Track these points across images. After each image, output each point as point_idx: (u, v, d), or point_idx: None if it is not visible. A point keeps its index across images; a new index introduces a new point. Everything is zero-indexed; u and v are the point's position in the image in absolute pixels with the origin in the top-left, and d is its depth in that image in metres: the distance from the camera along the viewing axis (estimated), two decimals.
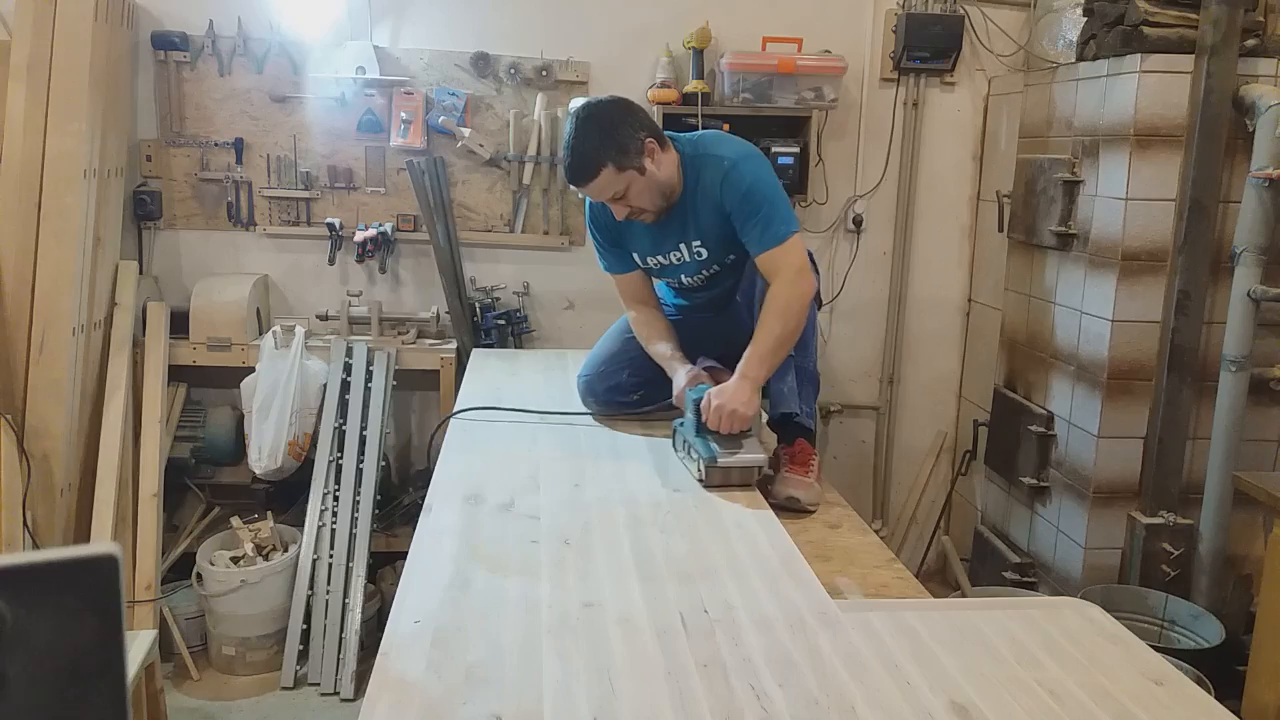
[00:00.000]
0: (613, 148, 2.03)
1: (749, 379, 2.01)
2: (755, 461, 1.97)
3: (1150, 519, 2.70)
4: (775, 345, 2.03)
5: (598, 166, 2.03)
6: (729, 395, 1.98)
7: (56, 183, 2.78)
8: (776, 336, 2.03)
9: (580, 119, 2.06)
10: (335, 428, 3.05)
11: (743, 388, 2.00)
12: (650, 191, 2.10)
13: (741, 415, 1.96)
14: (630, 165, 2.05)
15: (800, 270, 2.06)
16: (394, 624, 1.36)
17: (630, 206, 2.12)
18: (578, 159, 2.05)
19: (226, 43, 3.16)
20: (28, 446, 2.72)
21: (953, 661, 1.30)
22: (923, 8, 3.34)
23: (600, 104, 2.12)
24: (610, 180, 2.05)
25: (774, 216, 2.07)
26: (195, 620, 3.03)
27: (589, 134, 2.04)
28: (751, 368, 2.02)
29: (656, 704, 1.17)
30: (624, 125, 2.06)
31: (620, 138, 2.04)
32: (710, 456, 1.94)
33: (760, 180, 2.10)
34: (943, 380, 3.70)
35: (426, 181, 3.21)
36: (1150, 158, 2.60)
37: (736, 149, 2.15)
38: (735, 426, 1.96)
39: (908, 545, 3.73)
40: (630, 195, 2.09)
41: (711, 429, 1.97)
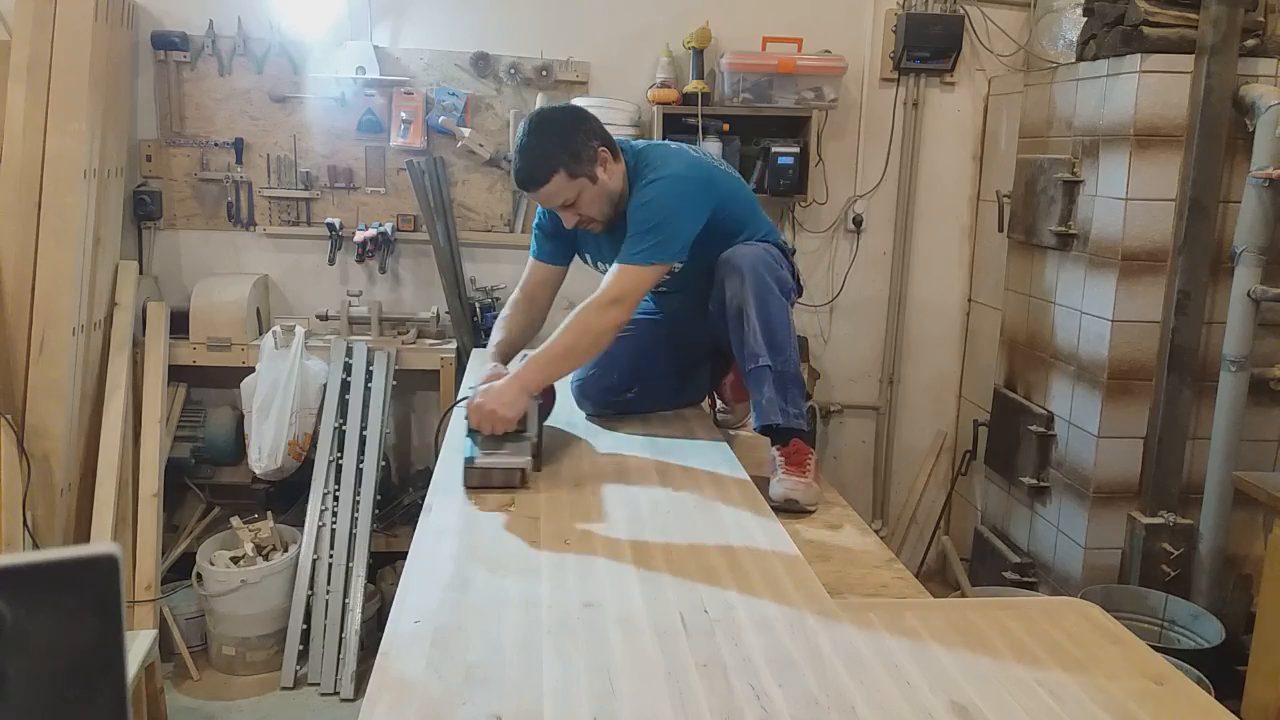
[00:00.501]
0: (566, 154, 2.00)
1: (519, 380, 1.96)
2: (515, 464, 1.89)
3: (1150, 519, 2.70)
4: (558, 356, 2.00)
5: (549, 172, 1.99)
6: (492, 395, 1.93)
7: (56, 183, 2.78)
8: (563, 348, 2.00)
9: (533, 124, 2.03)
10: (335, 428, 3.05)
11: (509, 388, 1.95)
12: (600, 200, 2.07)
13: (501, 417, 1.90)
14: (582, 173, 2.02)
15: (616, 300, 2.01)
16: (394, 624, 1.35)
17: (579, 215, 2.08)
18: (529, 163, 2.01)
19: (226, 43, 3.16)
20: (28, 446, 2.72)
21: (953, 661, 1.30)
22: (923, 8, 3.34)
23: (555, 110, 2.11)
24: (561, 187, 2.02)
25: (646, 238, 2.02)
26: (195, 620, 3.03)
27: (542, 139, 2.01)
28: (527, 370, 1.99)
29: (656, 704, 1.17)
30: (578, 132, 2.03)
31: (574, 144, 2.01)
32: (469, 456, 1.89)
33: (660, 200, 2.04)
34: (943, 380, 3.70)
35: (426, 181, 3.21)
36: (1150, 158, 2.60)
37: (668, 168, 2.08)
38: (496, 428, 1.91)
39: (908, 545, 3.73)
40: (580, 203, 2.06)
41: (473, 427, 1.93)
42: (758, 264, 2.04)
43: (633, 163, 2.12)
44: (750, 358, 2.03)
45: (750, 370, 2.04)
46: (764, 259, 2.06)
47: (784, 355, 2.05)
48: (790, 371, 2.08)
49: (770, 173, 3.21)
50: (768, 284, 2.03)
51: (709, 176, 2.13)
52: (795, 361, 2.09)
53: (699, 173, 2.12)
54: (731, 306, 2.05)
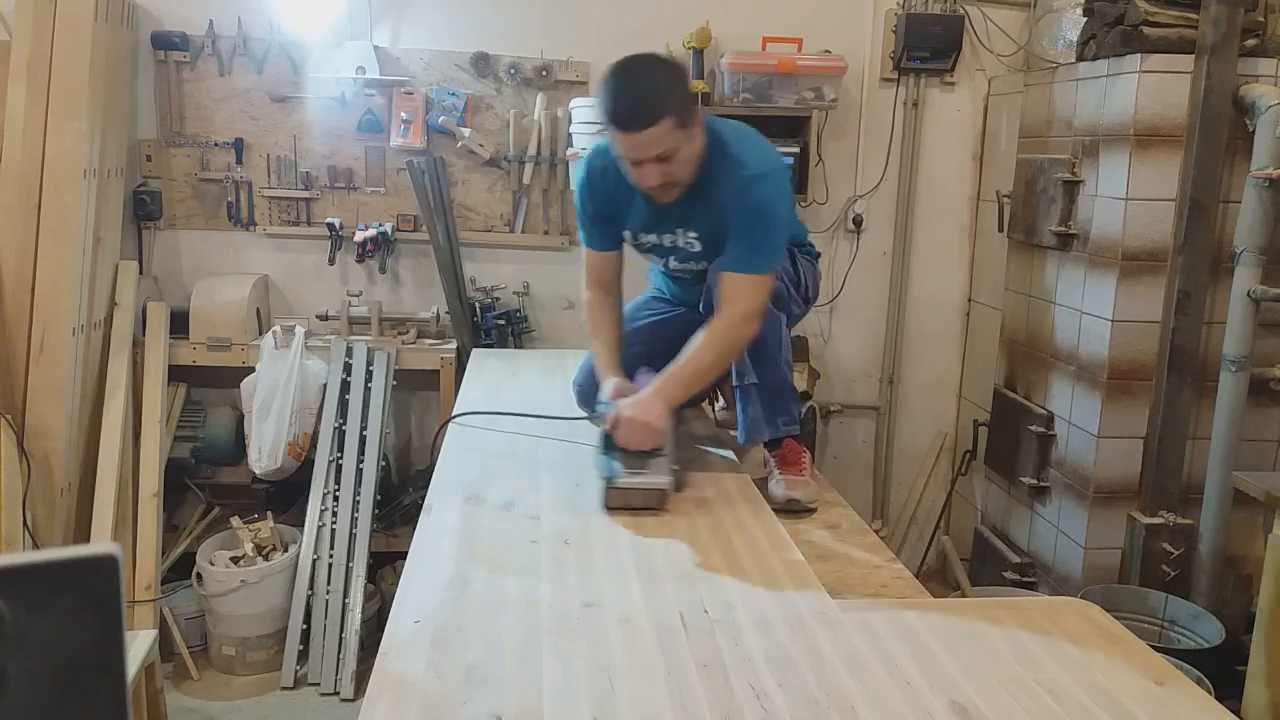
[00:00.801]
0: (678, 97, 1.82)
1: (662, 395, 1.87)
2: (659, 484, 1.80)
3: (1150, 519, 2.70)
4: (699, 374, 1.92)
5: (660, 113, 1.79)
6: (640, 406, 1.83)
7: (56, 183, 2.78)
8: (706, 366, 1.92)
9: (640, 63, 1.86)
10: (335, 428, 3.05)
11: (654, 402, 1.85)
12: (689, 162, 1.90)
13: (653, 429, 1.81)
14: (686, 124, 1.84)
15: (753, 315, 1.92)
16: (394, 624, 1.36)
17: (667, 173, 1.89)
18: (640, 100, 1.80)
19: (226, 43, 3.16)
20: (28, 446, 2.72)
21: (953, 661, 1.30)
22: (923, 8, 3.34)
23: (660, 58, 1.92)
24: (666, 134, 1.81)
25: (764, 245, 1.93)
26: (195, 620, 3.03)
27: (656, 77, 1.83)
28: (669, 387, 1.89)
29: (656, 704, 1.17)
30: (686, 79, 1.90)
31: (685, 90, 1.86)
32: (609, 475, 1.78)
33: (773, 204, 1.94)
34: (943, 380, 3.70)
35: (426, 181, 3.21)
36: (1150, 158, 2.60)
37: (765, 160, 1.97)
38: (645, 442, 1.81)
39: (908, 545, 3.73)
40: (676, 159, 1.87)
41: (619, 445, 1.81)
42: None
43: (715, 140, 1.96)
44: (737, 375, 2.00)
45: (737, 388, 2.02)
46: None
47: (772, 367, 2.01)
48: (778, 381, 2.03)
49: None
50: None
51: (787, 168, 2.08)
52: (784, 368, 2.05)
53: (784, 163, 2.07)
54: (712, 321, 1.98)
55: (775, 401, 2.02)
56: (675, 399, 1.90)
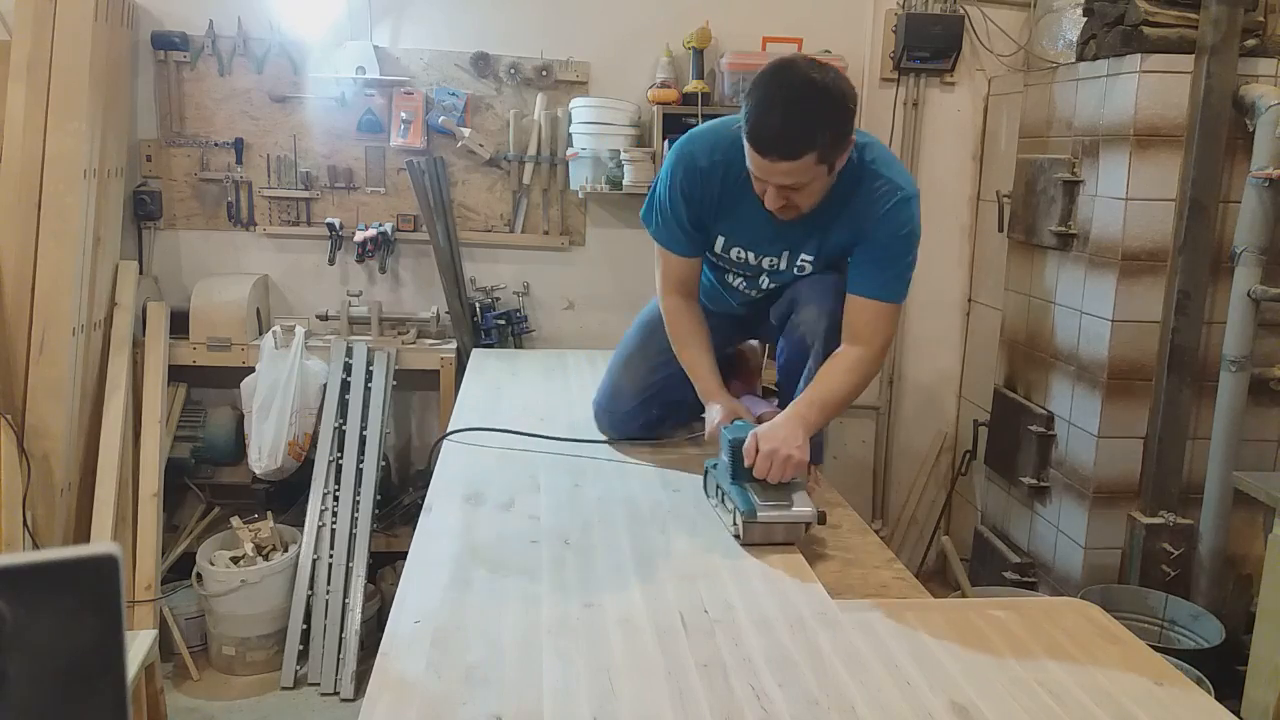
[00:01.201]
0: (832, 135, 1.68)
1: (803, 422, 1.75)
2: (805, 517, 1.70)
3: (1150, 519, 2.70)
4: (838, 403, 1.86)
5: (807, 148, 1.66)
6: (782, 438, 1.70)
7: (56, 183, 2.78)
8: (847, 395, 1.86)
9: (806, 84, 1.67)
10: (335, 428, 3.05)
11: (796, 430, 1.73)
12: (820, 194, 1.80)
13: (796, 461, 1.70)
14: (831, 160, 1.72)
15: (886, 346, 1.91)
16: (394, 624, 1.36)
17: (788, 202, 1.78)
18: (790, 131, 1.66)
19: (226, 43, 3.16)
20: (28, 446, 2.72)
21: (953, 661, 1.30)
22: (923, 8, 3.34)
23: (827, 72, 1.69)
24: (806, 168, 1.69)
25: (907, 272, 1.88)
26: (195, 620, 3.03)
27: (814, 107, 1.66)
28: (811, 412, 1.80)
29: (656, 704, 1.17)
30: (849, 113, 1.70)
31: (843, 126, 1.70)
32: (749, 510, 1.66)
33: (917, 230, 1.88)
34: (943, 380, 3.70)
35: (426, 181, 3.21)
36: (1150, 158, 2.60)
37: (909, 181, 1.90)
38: (787, 474, 1.70)
39: (908, 545, 3.73)
40: (806, 191, 1.76)
41: (757, 477, 1.70)
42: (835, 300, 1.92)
43: (856, 156, 1.83)
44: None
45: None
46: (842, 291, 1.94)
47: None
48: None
49: None
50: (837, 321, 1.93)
51: None
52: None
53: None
54: (796, 333, 1.96)
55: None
56: (815, 426, 1.81)
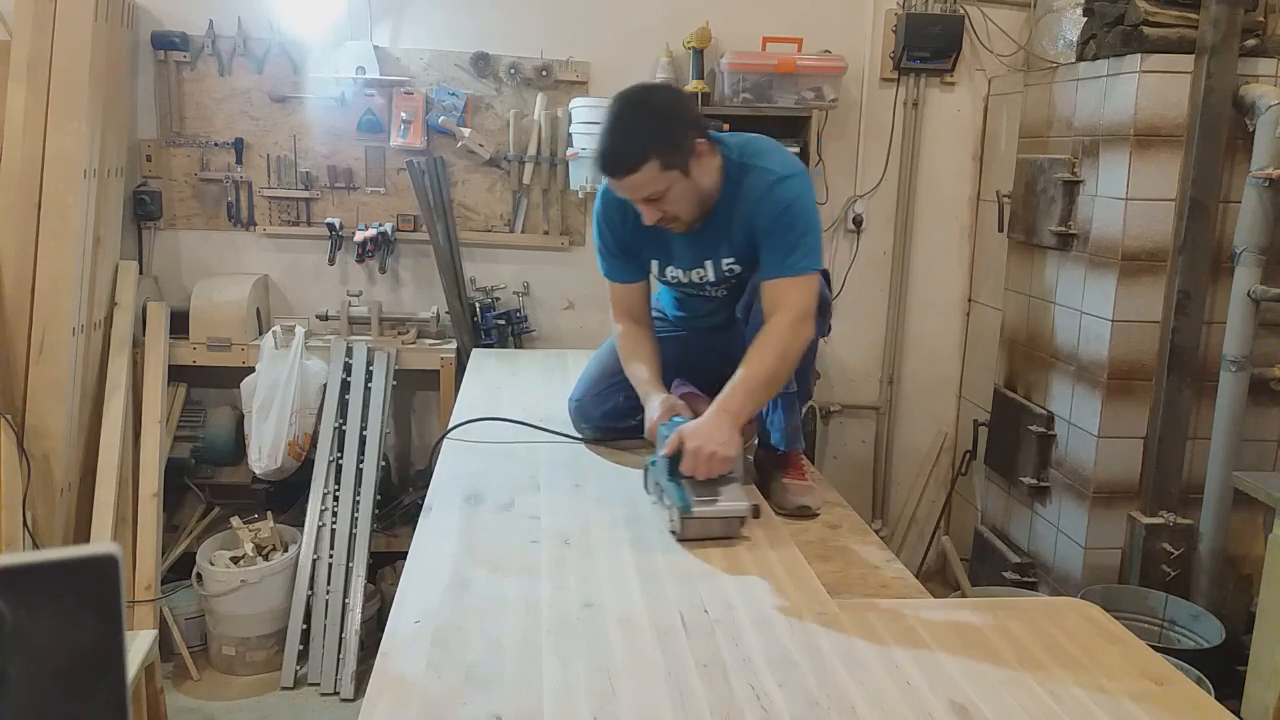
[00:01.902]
0: (662, 141, 1.79)
1: (730, 414, 1.77)
2: (737, 511, 1.70)
3: (1150, 519, 2.70)
4: (765, 383, 1.84)
5: (642, 159, 1.78)
6: (706, 434, 1.71)
7: (56, 183, 2.78)
8: (770, 375, 1.84)
9: (628, 103, 1.83)
10: (335, 428, 3.05)
11: (721, 424, 1.74)
12: (689, 198, 1.88)
13: (721, 457, 1.70)
14: (676, 165, 1.81)
15: (806, 315, 1.87)
16: (394, 624, 1.36)
17: (664, 211, 1.88)
18: (620, 148, 1.80)
19: (226, 43, 3.16)
20: (28, 446, 2.72)
21: (953, 661, 1.30)
22: (923, 8, 3.34)
23: (653, 90, 1.90)
24: (651, 177, 1.81)
25: (801, 245, 1.88)
26: (195, 620, 3.03)
27: (638, 121, 1.81)
28: (735, 402, 1.80)
29: (656, 704, 1.17)
30: (677, 119, 1.83)
31: (673, 131, 1.81)
32: (684, 505, 1.66)
33: (801, 203, 1.90)
34: (943, 380, 3.70)
35: (426, 181, 3.21)
36: (1150, 158, 2.60)
37: (787, 163, 1.94)
38: (714, 470, 1.70)
39: (908, 545, 3.73)
40: (667, 198, 1.85)
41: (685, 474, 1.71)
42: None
43: (734, 157, 1.94)
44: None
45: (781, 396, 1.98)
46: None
47: (804, 377, 2.01)
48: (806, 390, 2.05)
49: None
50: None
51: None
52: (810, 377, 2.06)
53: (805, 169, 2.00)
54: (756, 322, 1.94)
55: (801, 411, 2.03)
56: (743, 414, 1.80)
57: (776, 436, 2.03)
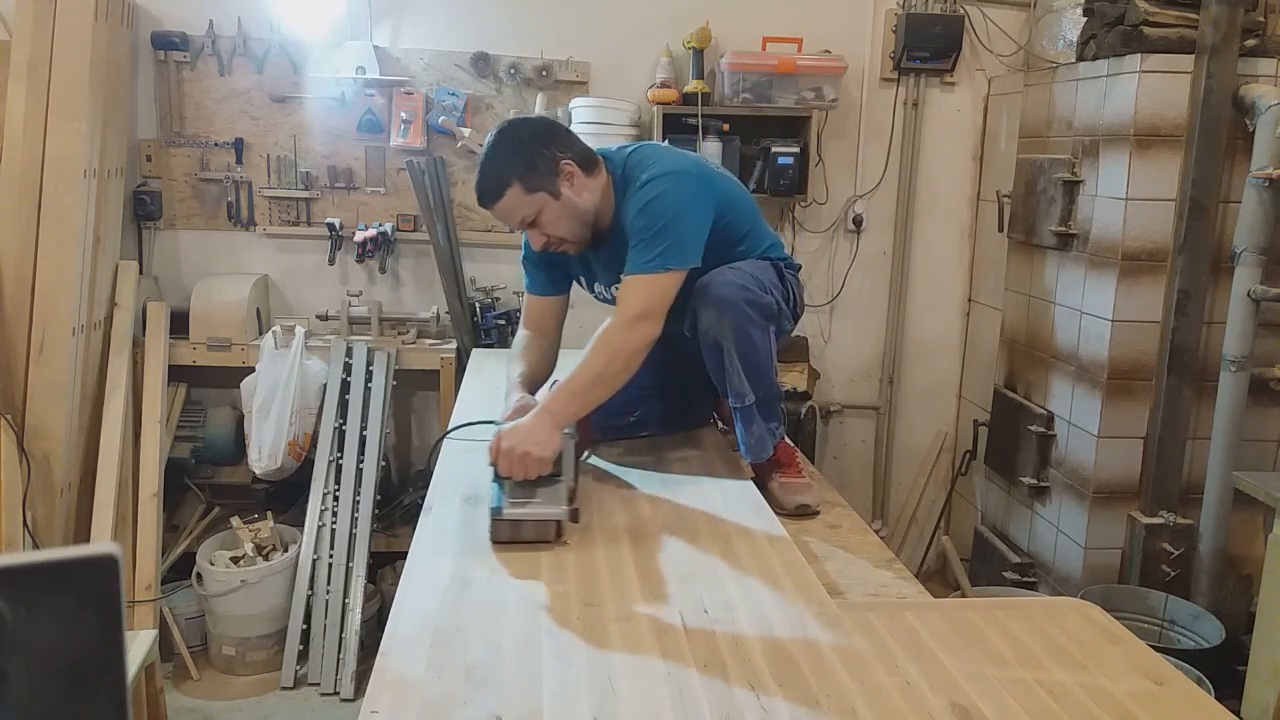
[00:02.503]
0: (520, 165, 1.86)
1: (550, 414, 1.75)
2: (550, 515, 1.65)
3: (1150, 519, 2.70)
4: (592, 383, 1.82)
5: (503, 185, 1.86)
6: (521, 435, 1.69)
7: (56, 183, 2.78)
8: (595, 375, 1.81)
9: (496, 136, 1.90)
10: (335, 428, 3.05)
11: (540, 425, 1.72)
12: (567, 219, 1.91)
13: (535, 459, 1.67)
14: (541, 187, 1.86)
15: (644, 316, 1.83)
16: (394, 624, 1.36)
17: (546, 235, 1.93)
18: (483, 176, 1.89)
19: (226, 43, 3.16)
20: (28, 446, 2.72)
21: (953, 661, 1.30)
22: (923, 8, 3.34)
23: (517, 121, 1.97)
24: (517, 201, 1.87)
25: (656, 242, 1.85)
26: (195, 620, 3.03)
27: (498, 150, 1.88)
28: (558, 403, 1.78)
29: (656, 704, 1.17)
30: (537, 144, 1.88)
31: (530, 155, 1.86)
32: (495, 508, 1.63)
33: (664, 199, 1.87)
34: (943, 380, 3.70)
35: (426, 181, 3.21)
36: (1150, 158, 2.60)
37: (664, 165, 1.92)
38: (528, 472, 1.67)
39: (908, 545, 3.73)
40: (543, 221, 1.90)
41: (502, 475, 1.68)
42: (734, 293, 1.89)
43: (619, 172, 1.97)
44: (735, 397, 1.95)
45: (737, 409, 1.97)
46: (742, 284, 1.91)
47: (766, 382, 1.97)
48: (771, 394, 1.99)
49: (770, 173, 3.21)
50: (745, 314, 1.89)
51: (707, 173, 2.00)
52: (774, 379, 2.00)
53: (698, 168, 1.97)
54: (707, 338, 1.93)
55: (770, 413, 1.99)
56: (565, 416, 1.77)
57: (742, 449, 2.02)
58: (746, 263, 1.99)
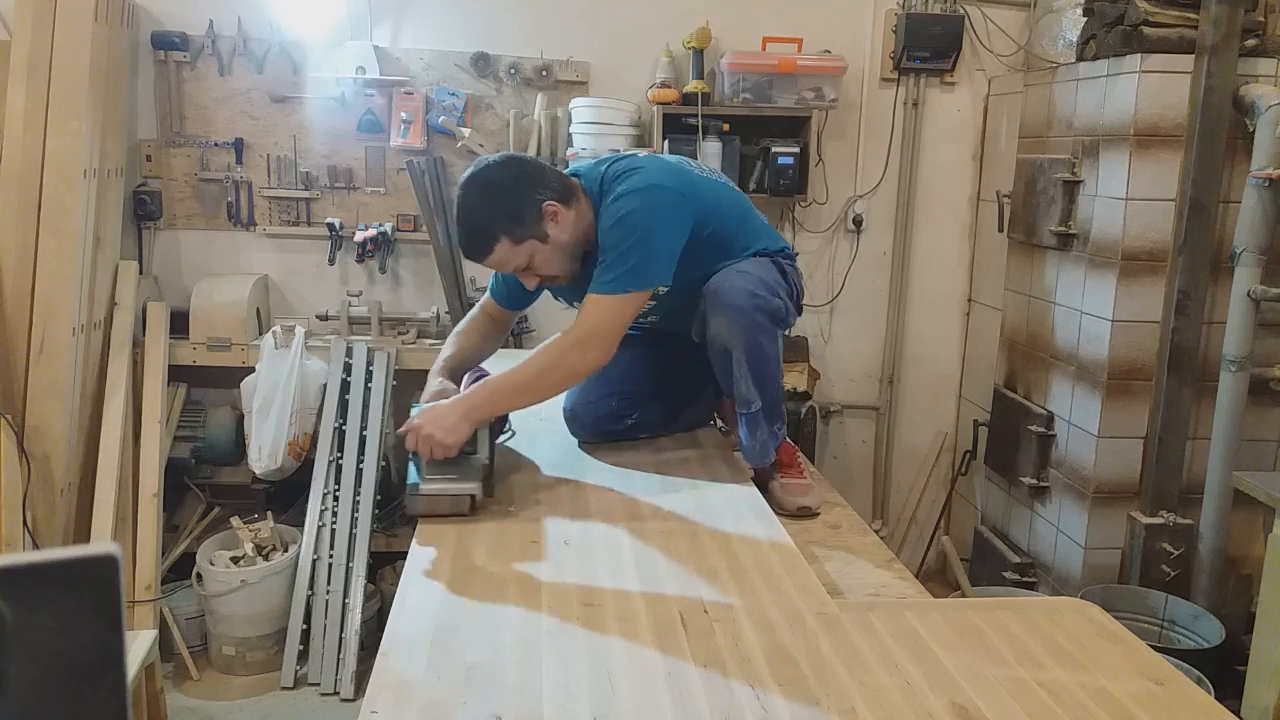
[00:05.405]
0: (504, 218, 1.82)
1: (464, 405, 1.79)
2: (464, 490, 1.74)
3: (1150, 519, 2.70)
4: (514, 389, 1.85)
5: (491, 242, 1.83)
6: (431, 418, 1.76)
7: (56, 183, 2.78)
8: (523, 381, 1.84)
9: (468, 187, 1.85)
10: (335, 428, 3.05)
11: (451, 412, 1.77)
12: (558, 257, 1.89)
13: (439, 442, 1.74)
14: (528, 236, 1.84)
15: (596, 337, 1.83)
16: (394, 624, 1.36)
17: (539, 276, 1.92)
18: (469, 233, 1.87)
19: (226, 43, 3.16)
20: (28, 446, 2.72)
21: (953, 661, 1.30)
22: (923, 8, 3.34)
23: (489, 168, 1.88)
24: (508, 253, 1.85)
25: (622, 261, 1.82)
26: (195, 620, 3.03)
27: (479, 205, 1.84)
28: (476, 396, 1.81)
29: (656, 704, 1.17)
30: (517, 191, 1.84)
31: (513, 205, 1.83)
32: (413, 482, 1.75)
33: (633, 217, 1.83)
34: (943, 380, 3.70)
35: (426, 181, 3.21)
36: (1150, 158, 2.60)
37: (637, 180, 1.88)
38: (435, 454, 1.75)
39: (908, 545, 3.73)
40: (536, 264, 1.88)
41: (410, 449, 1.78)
42: (745, 300, 1.86)
43: (597, 188, 1.93)
44: (742, 403, 1.94)
45: (742, 414, 1.96)
46: (752, 290, 1.87)
47: (772, 386, 1.95)
48: (776, 398, 1.98)
49: (770, 173, 3.21)
50: (756, 322, 1.87)
51: (687, 182, 1.92)
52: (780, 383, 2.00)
53: (675, 180, 1.91)
54: (716, 344, 1.90)
55: (774, 417, 1.98)
56: (481, 410, 1.81)
57: (745, 454, 2.02)
58: (749, 262, 1.96)
